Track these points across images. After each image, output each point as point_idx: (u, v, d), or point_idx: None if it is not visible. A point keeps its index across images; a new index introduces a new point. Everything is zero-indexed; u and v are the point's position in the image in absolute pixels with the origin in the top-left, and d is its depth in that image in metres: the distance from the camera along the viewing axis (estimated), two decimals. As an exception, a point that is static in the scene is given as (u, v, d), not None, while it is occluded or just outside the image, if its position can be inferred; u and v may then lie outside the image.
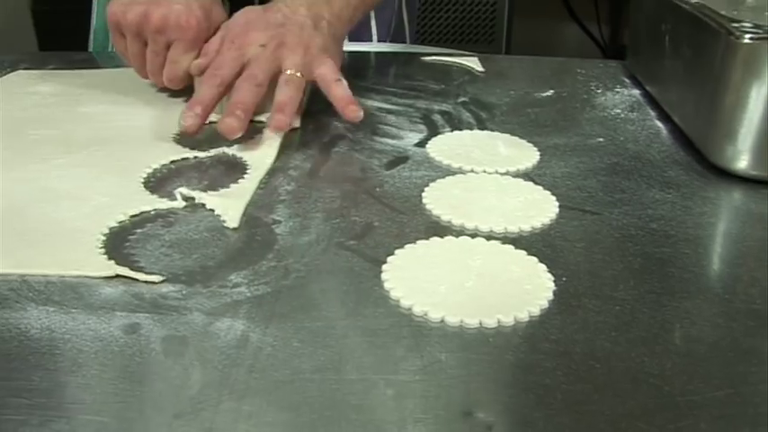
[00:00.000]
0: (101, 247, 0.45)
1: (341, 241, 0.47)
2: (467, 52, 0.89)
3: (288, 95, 0.62)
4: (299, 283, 0.42)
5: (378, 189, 0.54)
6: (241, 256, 0.44)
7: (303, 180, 0.55)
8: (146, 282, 0.41)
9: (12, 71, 0.77)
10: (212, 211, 0.49)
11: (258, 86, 0.61)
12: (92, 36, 0.94)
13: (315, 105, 0.70)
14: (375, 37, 0.96)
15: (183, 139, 0.62)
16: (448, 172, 0.57)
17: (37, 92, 0.73)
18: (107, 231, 0.47)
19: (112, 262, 0.43)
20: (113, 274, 0.42)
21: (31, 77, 0.77)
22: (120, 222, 0.48)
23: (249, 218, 0.49)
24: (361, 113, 0.62)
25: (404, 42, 1.02)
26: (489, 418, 0.33)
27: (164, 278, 0.42)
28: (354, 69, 0.82)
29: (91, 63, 0.84)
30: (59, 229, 0.47)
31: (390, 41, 0.98)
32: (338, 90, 0.64)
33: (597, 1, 2.37)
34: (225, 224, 0.48)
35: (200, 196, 0.50)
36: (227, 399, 0.34)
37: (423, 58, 0.85)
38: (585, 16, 2.40)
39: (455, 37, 1.91)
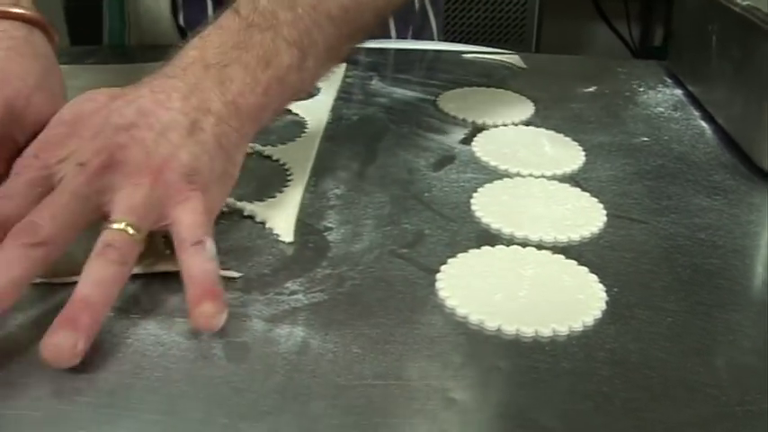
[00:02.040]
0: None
1: (393, 249, 0.47)
2: (499, 50, 0.88)
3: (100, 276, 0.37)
4: (355, 291, 0.42)
5: (426, 194, 0.54)
6: (295, 263, 0.45)
7: (351, 183, 0.55)
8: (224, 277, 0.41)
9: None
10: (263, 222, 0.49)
11: (35, 247, 0.36)
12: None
13: (356, 95, 0.70)
14: (394, 36, 0.93)
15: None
16: (495, 174, 0.57)
17: (70, 86, 0.73)
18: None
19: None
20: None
21: (64, 72, 0.77)
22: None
23: (301, 225, 0.49)
24: (220, 322, 0.38)
25: (430, 40, 0.99)
26: (550, 424, 0.34)
27: (241, 274, 0.43)
28: (391, 63, 0.82)
29: (124, 58, 0.83)
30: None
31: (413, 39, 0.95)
32: (193, 264, 0.39)
33: (627, 1, 2.34)
34: (279, 238, 0.47)
35: (249, 209, 0.50)
36: (292, 403, 0.34)
37: (464, 54, 0.84)
38: (615, 17, 2.37)
39: (484, 36, 1.90)
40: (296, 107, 0.66)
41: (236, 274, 0.42)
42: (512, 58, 0.84)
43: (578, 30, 2.35)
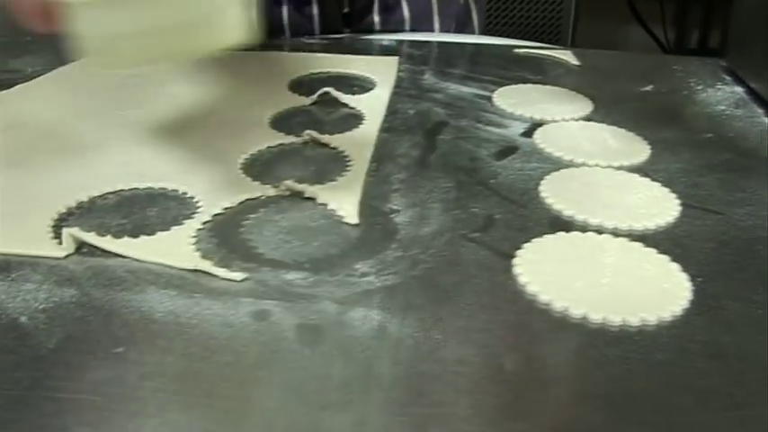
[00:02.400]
0: (212, 236, 0.44)
1: (464, 233, 0.45)
2: (551, 46, 0.86)
3: None
4: (429, 275, 0.40)
5: (492, 181, 0.51)
6: (363, 244, 0.42)
7: (414, 169, 0.53)
8: (226, 279, 0.39)
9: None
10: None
11: None
12: None
13: (409, 90, 0.69)
14: (437, 31, 0.94)
15: (277, 123, 0.61)
16: (560, 164, 0.55)
17: (117, 72, 0.71)
18: (209, 219, 0.45)
19: (198, 254, 0.41)
20: (193, 268, 0.40)
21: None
22: (227, 208, 0.45)
23: (365, 206, 0.47)
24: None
25: (472, 33, 0.99)
26: (653, 419, 0.32)
27: (245, 276, 0.40)
28: (442, 58, 0.81)
29: None
30: (163, 214, 0.46)
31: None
32: None
33: (663, 3, 2.31)
34: (344, 220, 0.45)
35: (310, 191, 0.48)
36: (376, 390, 0.32)
37: (515, 50, 0.82)
38: (650, 19, 2.35)
39: (521, 35, 1.88)
40: (352, 101, 0.65)
41: (238, 277, 0.39)
42: (564, 54, 0.82)
43: (613, 31, 2.33)
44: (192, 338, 0.34)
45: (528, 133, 0.61)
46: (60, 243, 0.41)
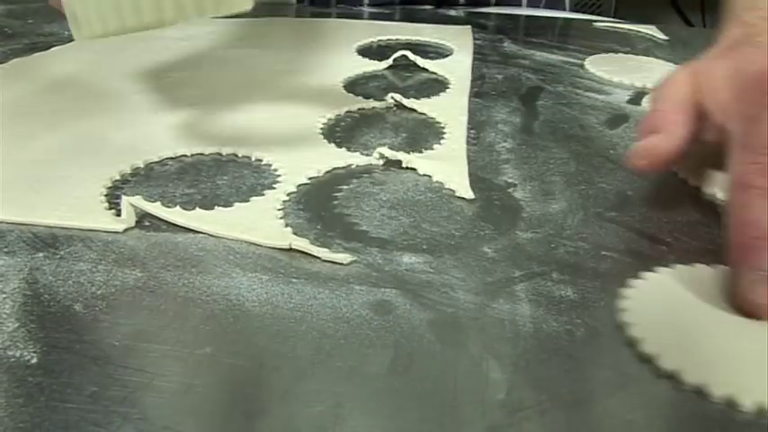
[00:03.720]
0: (300, 209, 0.37)
1: (599, 212, 0.37)
2: (623, 20, 0.78)
3: None
4: (579, 262, 0.32)
5: (611, 152, 0.43)
6: (486, 223, 0.34)
7: (519, 137, 0.45)
8: (329, 261, 0.32)
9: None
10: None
11: None
12: None
13: (491, 56, 0.63)
14: (525, 3, 0.88)
15: (352, 87, 0.54)
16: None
17: (163, 36, 0.63)
18: (294, 190, 0.38)
19: (289, 230, 0.32)
20: (287, 246, 0.32)
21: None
22: (312, 178, 0.37)
23: (476, 179, 0.39)
24: None
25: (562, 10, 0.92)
26: None
27: (352, 259, 0.32)
28: (521, 27, 0.76)
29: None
30: (236, 183, 0.39)
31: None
32: None
33: (703, -10, 2.23)
34: (456, 194, 0.38)
35: (407, 159, 0.40)
36: (551, 407, 0.24)
37: (595, 24, 0.74)
38: (688, 6, 2.27)
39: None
40: (432, 65, 0.58)
41: (345, 260, 0.32)
42: (648, 29, 0.74)
43: (649, 18, 2.24)
44: (297, 335, 0.26)
45: (635, 100, 0.54)
46: (118, 214, 0.33)
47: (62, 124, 0.44)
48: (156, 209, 0.33)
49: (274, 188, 0.36)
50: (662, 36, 0.73)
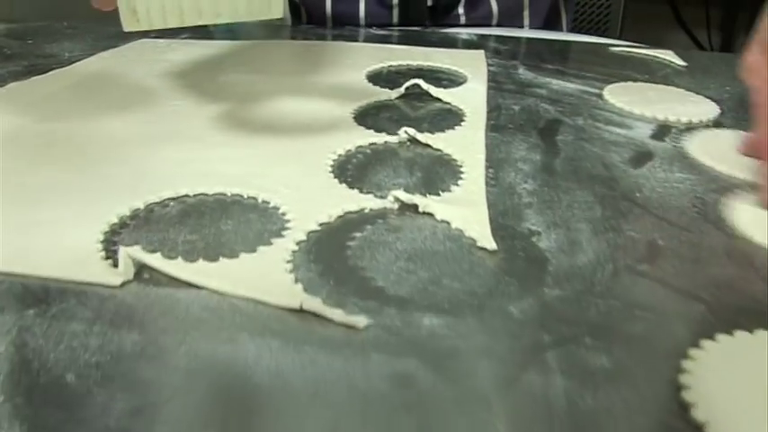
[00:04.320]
0: (311, 260, 0.34)
1: (629, 264, 0.35)
2: (640, 44, 0.76)
3: None
4: (612, 324, 0.30)
5: (638, 194, 0.41)
6: (510, 277, 0.32)
7: (541, 177, 0.42)
8: (346, 325, 0.29)
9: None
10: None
11: None
12: None
13: (506, 84, 0.61)
14: (527, 28, 0.88)
15: (362, 118, 0.51)
16: (709, 175, 0.46)
17: (167, 59, 0.61)
18: (304, 239, 0.35)
19: (299, 287, 0.30)
20: (298, 307, 0.29)
21: (158, 46, 0.65)
22: (323, 224, 0.34)
23: (497, 225, 0.36)
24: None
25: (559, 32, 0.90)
26: None
27: (368, 322, 0.29)
28: (532, 53, 0.73)
29: (230, 34, 0.71)
30: (242, 229, 0.36)
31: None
32: None
33: (708, 9, 2.22)
34: (477, 244, 0.35)
35: (424, 203, 0.38)
36: None
37: (611, 48, 0.72)
38: (694, 23, 2.25)
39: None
40: (446, 95, 0.56)
41: (362, 323, 0.29)
42: (665, 54, 0.71)
43: (656, 36, 2.23)
44: (314, 416, 0.24)
45: (658, 135, 0.52)
46: (115, 265, 0.30)
47: (58, 158, 0.42)
48: (157, 261, 0.31)
49: (283, 236, 0.34)
50: (680, 62, 0.71)
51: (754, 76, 0.41)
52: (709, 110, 0.57)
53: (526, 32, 0.83)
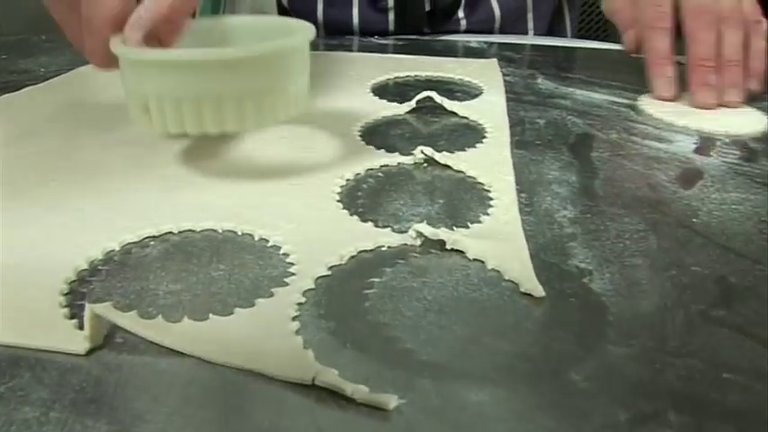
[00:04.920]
0: (321, 316, 0.28)
1: (702, 310, 0.29)
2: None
3: None
4: (698, 392, 0.25)
5: (695, 220, 0.36)
6: (565, 332, 0.26)
7: (581, 202, 0.37)
8: (371, 405, 0.23)
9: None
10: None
11: None
12: None
13: (525, 96, 0.55)
14: (531, 32, 0.82)
15: (370, 136, 0.46)
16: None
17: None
18: (311, 287, 0.29)
19: (310, 353, 0.25)
20: (310, 381, 0.23)
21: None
22: (334, 267, 0.28)
23: (539, 263, 0.31)
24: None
25: (564, 37, 0.87)
26: None
27: (399, 402, 0.23)
28: (549, 61, 0.68)
29: None
30: (236, 276, 0.30)
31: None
32: None
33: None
34: (521, 289, 0.30)
35: (452, 239, 0.32)
36: None
37: (632, 55, 0.66)
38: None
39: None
40: (462, 108, 0.50)
41: (391, 403, 0.23)
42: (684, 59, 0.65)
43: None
44: None
45: (703, 150, 0.46)
46: (80, 327, 0.23)
47: (22, 189, 0.36)
48: (131, 322, 0.24)
49: (286, 283, 0.28)
50: (712, 65, 0.64)
51: None
52: (757, 120, 0.50)
53: (534, 39, 0.78)
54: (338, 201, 0.36)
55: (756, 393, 0.24)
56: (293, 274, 0.29)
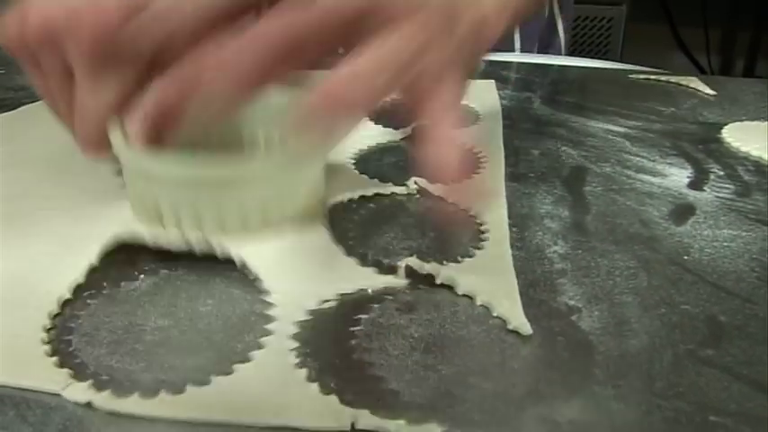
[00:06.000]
0: (308, 360, 0.28)
1: (691, 350, 0.29)
2: (669, 71, 0.70)
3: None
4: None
5: (686, 257, 0.36)
6: (553, 372, 0.26)
7: (572, 238, 0.37)
8: None
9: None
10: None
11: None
12: None
13: (521, 123, 0.55)
14: (518, 50, 0.83)
15: (363, 164, 0.46)
16: (759, 228, 0.40)
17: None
18: (295, 330, 0.29)
19: (334, 397, 0.24)
20: (349, 428, 0.23)
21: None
22: (320, 306, 0.28)
23: (528, 300, 0.30)
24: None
25: (557, 54, 0.87)
26: None
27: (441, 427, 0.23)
28: (548, 82, 0.67)
29: None
30: (228, 312, 0.30)
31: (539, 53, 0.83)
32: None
33: (708, 30, 2.20)
34: (508, 326, 0.29)
35: (445, 276, 0.32)
36: None
37: (630, 76, 0.66)
38: (694, 45, 2.24)
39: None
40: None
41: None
42: (690, 81, 0.65)
43: (656, 57, 2.20)
44: None
45: (696, 184, 0.46)
46: (61, 365, 0.24)
47: (15, 216, 0.36)
48: (135, 405, 0.24)
49: (270, 332, 0.27)
50: (708, 90, 0.65)
51: None
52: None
53: (533, 57, 0.77)
54: (327, 232, 0.35)
55: (737, 427, 0.24)
56: (275, 318, 0.29)
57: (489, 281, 0.31)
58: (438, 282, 0.31)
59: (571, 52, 0.95)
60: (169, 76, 0.30)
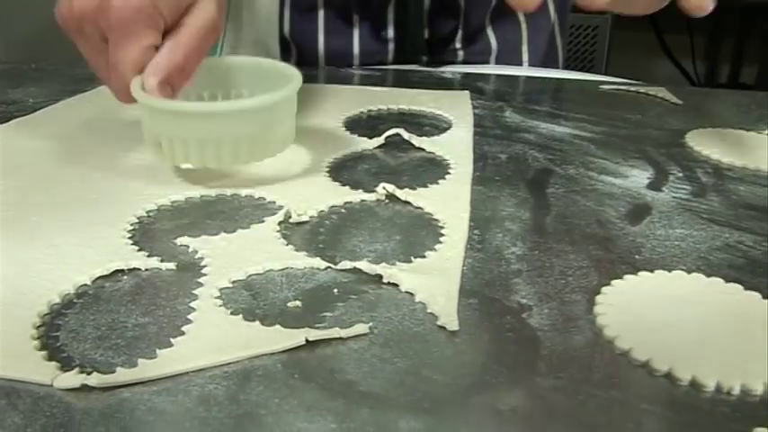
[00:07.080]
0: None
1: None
2: (642, 82, 0.73)
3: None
4: (615, 421, 0.27)
5: (637, 257, 0.39)
6: (499, 365, 0.29)
7: (531, 239, 0.39)
8: None
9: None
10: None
11: None
12: None
13: (491, 129, 0.58)
14: (526, 63, 0.84)
15: (338, 172, 0.49)
16: (711, 229, 0.42)
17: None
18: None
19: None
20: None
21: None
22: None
23: (483, 299, 0.33)
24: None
25: (556, 68, 0.89)
26: None
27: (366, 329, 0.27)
28: (520, 92, 0.70)
29: None
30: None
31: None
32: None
33: (693, 37, 2.22)
34: (438, 322, 0.32)
35: (390, 274, 0.35)
36: None
37: (601, 87, 0.69)
38: (679, 53, 2.26)
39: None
40: (429, 144, 0.53)
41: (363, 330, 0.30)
42: (658, 91, 0.68)
43: (642, 65, 2.23)
44: None
45: (655, 185, 0.49)
46: (50, 358, 0.27)
47: (7, 223, 0.39)
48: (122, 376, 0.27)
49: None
50: (674, 99, 0.67)
51: None
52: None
53: (524, 71, 0.80)
54: (295, 240, 0.38)
55: (667, 420, 0.26)
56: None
57: (431, 280, 0.34)
58: (385, 281, 0.34)
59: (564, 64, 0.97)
60: (174, 42, 0.43)
